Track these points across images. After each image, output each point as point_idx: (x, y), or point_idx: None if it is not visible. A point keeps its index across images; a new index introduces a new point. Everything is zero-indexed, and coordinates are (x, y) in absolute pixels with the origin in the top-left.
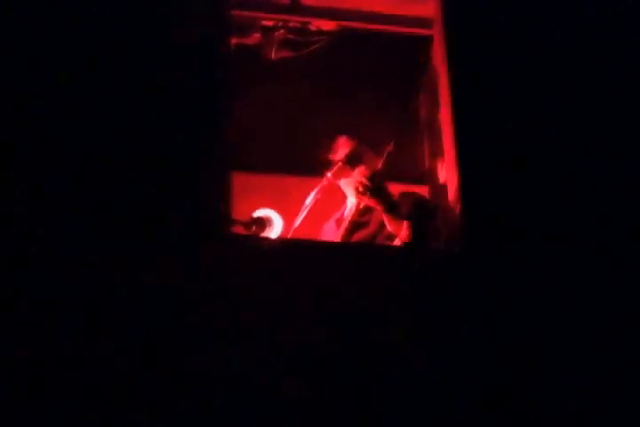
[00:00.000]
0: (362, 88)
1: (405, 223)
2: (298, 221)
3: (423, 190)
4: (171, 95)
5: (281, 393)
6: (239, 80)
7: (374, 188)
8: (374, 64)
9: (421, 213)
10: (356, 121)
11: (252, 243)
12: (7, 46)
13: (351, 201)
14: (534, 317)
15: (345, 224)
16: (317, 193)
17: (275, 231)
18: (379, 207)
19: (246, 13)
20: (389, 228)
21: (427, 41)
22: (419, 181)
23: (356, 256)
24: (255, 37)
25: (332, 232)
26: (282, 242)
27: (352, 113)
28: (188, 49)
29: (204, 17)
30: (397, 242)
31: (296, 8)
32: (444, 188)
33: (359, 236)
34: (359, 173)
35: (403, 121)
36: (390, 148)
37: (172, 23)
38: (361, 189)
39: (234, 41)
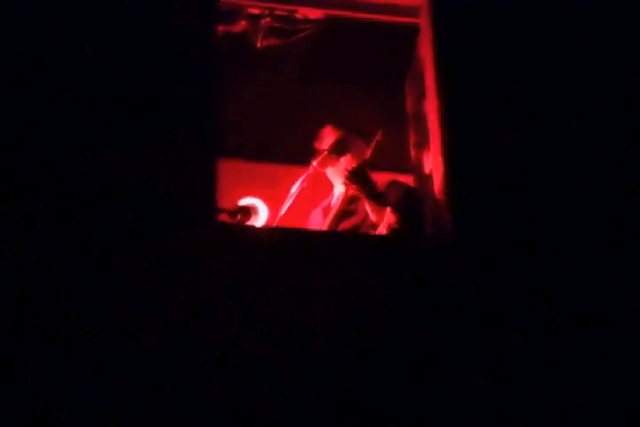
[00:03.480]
0: (349, 77)
1: (388, 209)
2: (283, 210)
3: (408, 180)
4: (158, 84)
5: (268, 379)
6: (227, 68)
7: (358, 175)
8: (361, 53)
9: (409, 202)
10: (343, 109)
11: (238, 231)
12: None
13: (338, 190)
14: (527, 304)
15: (332, 213)
16: (303, 181)
17: (260, 220)
18: (361, 194)
19: (232, 1)
20: (371, 215)
21: (414, 30)
22: (404, 170)
23: (342, 244)
24: (241, 25)
25: (318, 221)
26: (267, 230)
27: (340, 102)
28: (175, 37)
29: (191, 5)
30: (380, 230)
31: None
32: (429, 177)
33: (346, 224)
34: (346, 162)
35: (390, 110)
36: (379, 137)
37: (159, 11)
38: (346, 176)
39: (220, 29)
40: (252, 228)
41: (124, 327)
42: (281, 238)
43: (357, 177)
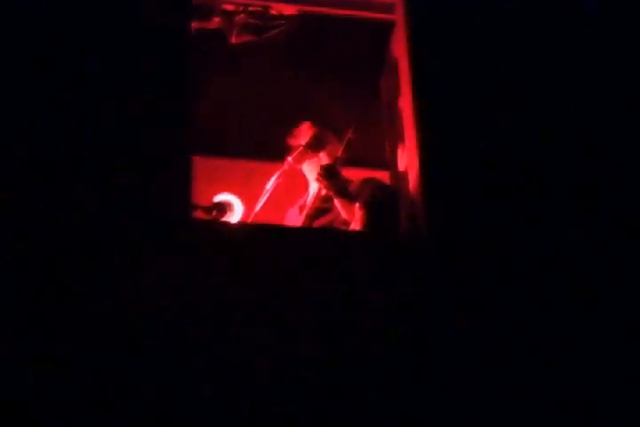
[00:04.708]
0: (325, 73)
1: (357, 206)
2: (258, 206)
3: (385, 176)
4: (134, 80)
5: (250, 377)
6: (202, 64)
7: (328, 171)
8: (336, 49)
9: (382, 198)
10: (319, 106)
11: (213, 227)
12: None
13: (313, 187)
14: (499, 300)
15: (306, 209)
16: (278, 177)
17: (235, 216)
18: (330, 191)
19: None
20: (342, 212)
21: (390, 26)
22: (381, 166)
23: (314, 241)
24: (216, 22)
25: (295, 218)
26: (242, 226)
27: (316, 98)
28: (150, 33)
29: (166, 1)
30: (352, 227)
31: None
32: (404, 174)
33: (321, 222)
34: (321, 159)
35: (366, 106)
36: (350, 134)
37: (134, 8)
38: (318, 173)
39: (195, 25)
40: (228, 224)
41: (104, 326)
42: (256, 234)
43: (328, 173)
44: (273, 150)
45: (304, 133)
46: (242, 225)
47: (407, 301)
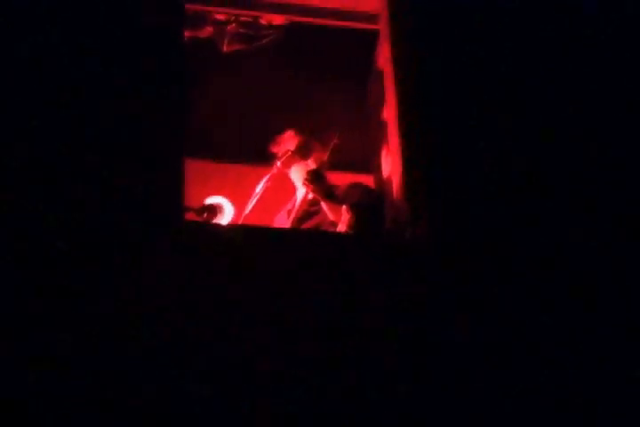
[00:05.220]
0: (313, 81)
1: (344, 208)
2: (248, 209)
3: (370, 180)
4: (126, 85)
5: (250, 377)
6: (194, 70)
7: (314, 175)
8: (325, 55)
9: (368, 202)
10: (308, 111)
11: (204, 229)
12: None
13: (301, 191)
14: (499, 300)
15: (293, 213)
16: (267, 181)
17: (226, 218)
18: (317, 194)
19: (199, 7)
20: (329, 214)
21: (376, 33)
22: (367, 170)
23: (302, 243)
24: (207, 31)
25: (283, 222)
26: (232, 228)
27: (305, 103)
28: (143, 41)
29: (159, 10)
30: (339, 228)
31: (247, 2)
32: (388, 179)
33: (308, 225)
34: (307, 165)
35: (353, 112)
36: (335, 140)
37: (128, 16)
38: (304, 178)
39: (187, 34)
40: (218, 226)
41: (104, 326)
42: (245, 236)
43: (314, 178)
44: (262, 154)
45: (288, 141)
46: (232, 226)
47: (407, 301)
